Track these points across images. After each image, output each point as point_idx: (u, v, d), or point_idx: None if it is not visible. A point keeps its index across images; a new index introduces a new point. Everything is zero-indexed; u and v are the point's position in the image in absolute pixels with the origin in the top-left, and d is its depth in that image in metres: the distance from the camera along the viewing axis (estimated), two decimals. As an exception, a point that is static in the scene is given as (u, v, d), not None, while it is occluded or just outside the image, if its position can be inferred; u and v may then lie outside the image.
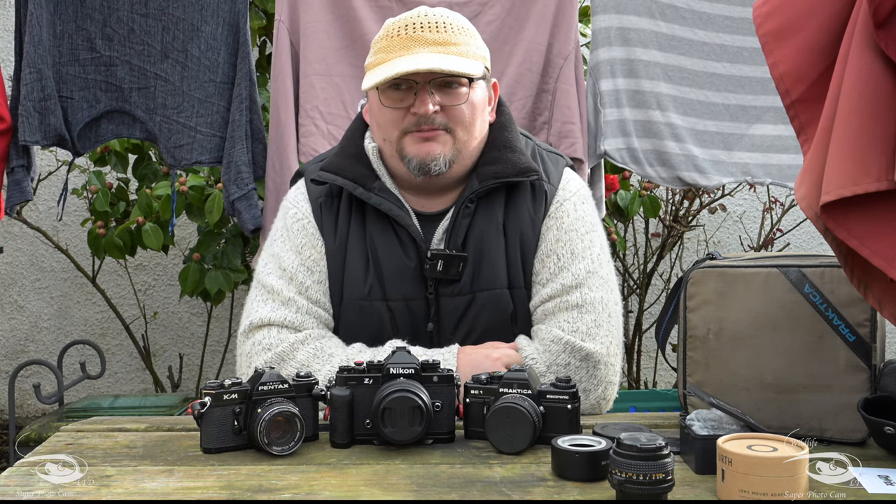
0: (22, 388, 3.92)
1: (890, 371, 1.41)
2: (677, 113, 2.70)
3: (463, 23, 1.69)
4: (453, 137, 1.66)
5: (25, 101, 2.48)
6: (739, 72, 2.76)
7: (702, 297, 1.53)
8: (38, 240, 3.92)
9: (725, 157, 2.75)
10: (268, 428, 1.36)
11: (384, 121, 1.67)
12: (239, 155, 2.51)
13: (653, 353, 3.98)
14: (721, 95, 2.75)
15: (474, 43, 1.68)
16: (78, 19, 2.55)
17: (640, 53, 2.67)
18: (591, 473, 1.25)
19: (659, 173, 2.69)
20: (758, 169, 2.77)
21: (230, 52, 2.55)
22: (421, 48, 1.62)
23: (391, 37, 1.65)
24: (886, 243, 1.21)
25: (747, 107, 2.77)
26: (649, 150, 2.68)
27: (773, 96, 2.72)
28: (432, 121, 1.63)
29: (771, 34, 1.34)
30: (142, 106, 2.58)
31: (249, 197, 2.53)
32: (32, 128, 2.50)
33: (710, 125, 2.74)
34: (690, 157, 2.70)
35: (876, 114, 1.20)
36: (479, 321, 1.68)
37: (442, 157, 1.65)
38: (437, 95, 1.63)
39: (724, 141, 2.75)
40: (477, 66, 1.66)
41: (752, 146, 2.77)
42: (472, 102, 1.66)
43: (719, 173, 2.74)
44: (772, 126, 2.76)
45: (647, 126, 2.67)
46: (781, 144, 2.76)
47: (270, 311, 1.68)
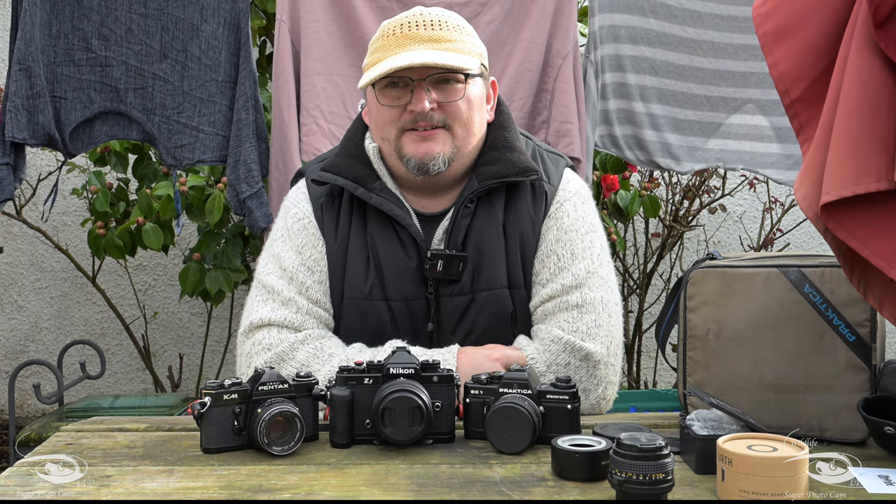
0: (22, 388, 3.92)
1: (890, 371, 1.41)
2: (659, 103, 2.81)
3: (458, 20, 1.69)
4: (452, 135, 1.66)
5: (14, 98, 2.46)
6: (724, 66, 2.86)
7: (702, 297, 1.53)
8: (38, 240, 3.92)
9: (701, 143, 2.86)
10: (268, 428, 1.36)
11: (381, 119, 1.67)
12: (248, 153, 2.51)
13: (653, 353, 3.98)
14: (704, 87, 2.85)
15: (470, 40, 1.68)
16: (74, 19, 2.53)
17: (629, 49, 2.75)
18: (591, 473, 1.25)
19: (637, 156, 2.83)
20: (731, 155, 2.88)
21: (231, 51, 2.55)
22: (415, 45, 1.62)
23: (387, 36, 1.65)
24: (886, 243, 1.21)
25: (728, 98, 2.86)
26: (629, 136, 2.80)
27: (755, 89, 2.85)
28: (430, 118, 1.63)
29: (770, 34, 1.34)
30: (138, 107, 2.56)
31: (260, 195, 2.54)
32: (20, 125, 2.48)
33: (691, 114, 2.85)
34: (666, 144, 2.83)
35: (876, 114, 1.20)
36: (479, 321, 1.68)
37: (441, 157, 1.64)
38: (433, 92, 1.63)
39: (702, 129, 2.86)
40: (472, 61, 1.66)
41: (727, 134, 2.88)
42: (468, 99, 1.66)
43: (693, 160, 2.87)
44: (750, 116, 2.87)
45: (628, 115, 2.79)
46: (757, 133, 2.87)
47: (270, 311, 1.68)
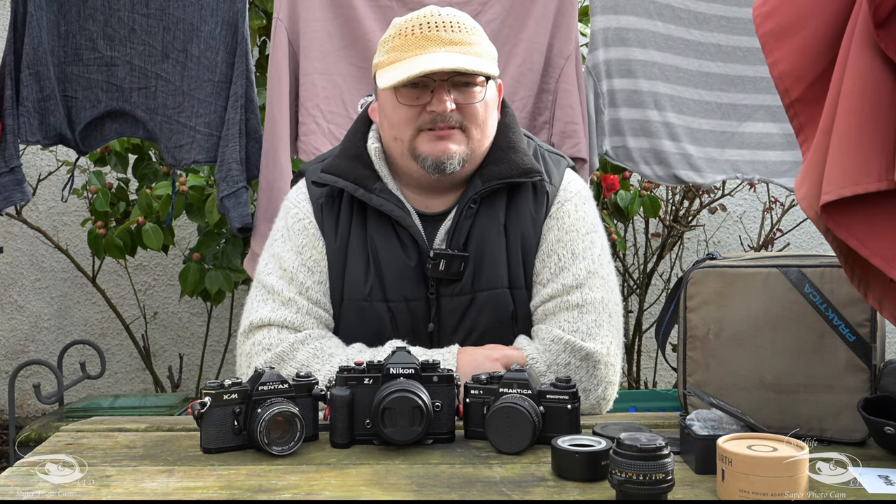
0: (22, 388, 3.92)
1: (890, 371, 1.41)
2: (674, 112, 2.72)
3: (473, 23, 1.70)
4: (467, 136, 1.66)
5: (25, 102, 2.50)
6: (732, 71, 2.80)
7: (702, 297, 1.53)
8: (38, 240, 3.91)
9: (717, 154, 2.79)
10: (268, 428, 1.36)
11: (398, 119, 1.67)
12: (231, 153, 2.51)
13: (653, 353, 3.98)
14: (713, 94, 2.79)
15: (485, 43, 1.69)
16: (81, 19, 2.56)
17: (638, 54, 2.68)
18: (591, 473, 1.25)
19: (655, 171, 2.72)
20: (747, 166, 2.82)
21: (229, 51, 2.55)
22: (437, 47, 1.62)
23: (404, 36, 1.65)
24: (886, 243, 1.21)
25: (738, 105, 2.81)
26: (646, 149, 2.71)
27: (763, 94, 2.80)
28: (448, 119, 1.63)
29: (771, 34, 1.34)
30: (142, 106, 2.59)
31: (238, 195, 2.52)
32: (33, 128, 2.52)
33: (704, 123, 2.78)
34: (686, 155, 2.73)
35: (876, 114, 1.20)
36: (479, 321, 1.68)
37: (457, 156, 1.65)
38: (453, 94, 1.63)
39: (716, 139, 2.79)
40: (492, 66, 1.68)
41: (742, 143, 2.81)
42: (485, 101, 1.67)
43: (713, 171, 2.78)
44: (761, 124, 2.81)
45: (643, 125, 2.69)
46: (769, 142, 2.81)
47: (270, 312, 1.68)
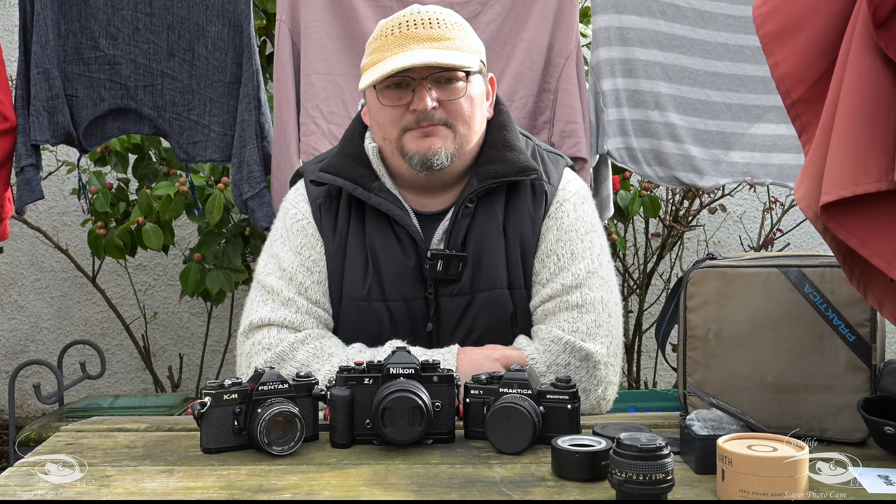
0: (22, 388, 3.92)
1: (890, 371, 1.41)
2: (677, 112, 2.69)
3: (456, 18, 1.69)
4: (453, 132, 1.66)
5: (35, 101, 2.51)
6: (742, 70, 2.74)
7: (702, 297, 1.53)
8: (38, 240, 3.91)
9: (725, 156, 2.73)
10: (268, 428, 1.36)
11: (383, 120, 1.67)
12: (251, 154, 2.55)
13: (653, 353, 3.98)
14: (722, 94, 2.73)
15: (468, 37, 1.68)
16: (82, 18, 2.57)
17: (640, 53, 2.65)
18: (591, 473, 1.25)
19: (657, 172, 2.70)
20: (758, 169, 2.75)
21: (237, 52, 2.58)
22: (415, 45, 1.62)
23: (385, 36, 1.65)
24: (886, 243, 1.21)
25: (749, 106, 2.74)
26: (647, 150, 2.68)
27: (776, 95, 2.66)
28: (432, 117, 1.63)
29: (771, 34, 1.34)
30: (149, 103, 2.60)
31: (262, 195, 2.57)
32: (42, 127, 2.53)
33: (711, 124, 2.72)
34: (688, 157, 2.69)
35: (876, 114, 1.20)
36: (478, 321, 1.68)
37: (443, 151, 1.64)
38: (434, 91, 1.63)
39: (724, 140, 2.73)
40: (472, 59, 1.66)
41: (752, 146, 2.74)
42: (470, 96, 1.66)
43: (718, 173, 2.73)
44: (774, 125, 2.73)
45: (644, 126, 2.67)
46: (783, 144, 2.73)
47: (270, 312, 1.68)
